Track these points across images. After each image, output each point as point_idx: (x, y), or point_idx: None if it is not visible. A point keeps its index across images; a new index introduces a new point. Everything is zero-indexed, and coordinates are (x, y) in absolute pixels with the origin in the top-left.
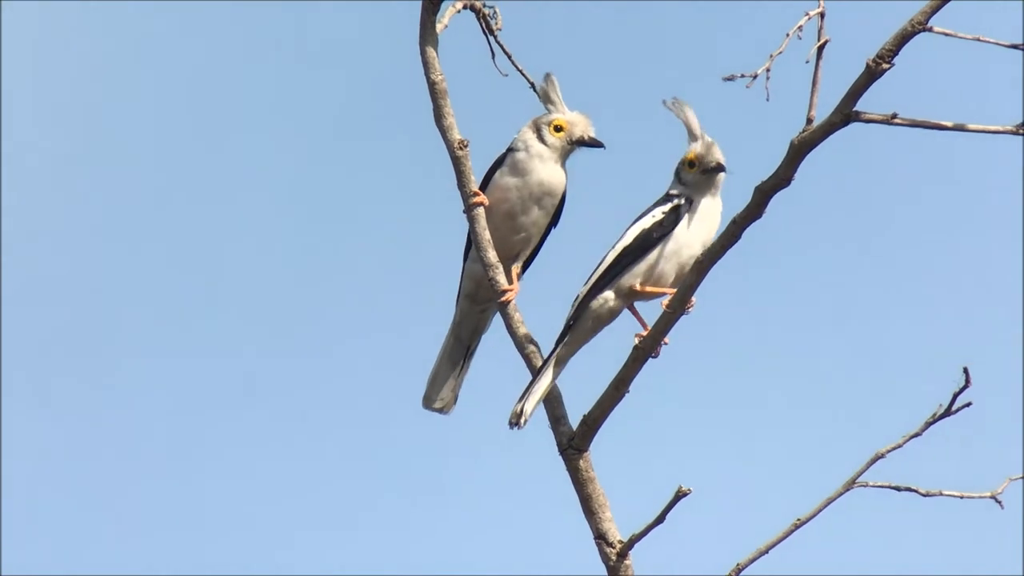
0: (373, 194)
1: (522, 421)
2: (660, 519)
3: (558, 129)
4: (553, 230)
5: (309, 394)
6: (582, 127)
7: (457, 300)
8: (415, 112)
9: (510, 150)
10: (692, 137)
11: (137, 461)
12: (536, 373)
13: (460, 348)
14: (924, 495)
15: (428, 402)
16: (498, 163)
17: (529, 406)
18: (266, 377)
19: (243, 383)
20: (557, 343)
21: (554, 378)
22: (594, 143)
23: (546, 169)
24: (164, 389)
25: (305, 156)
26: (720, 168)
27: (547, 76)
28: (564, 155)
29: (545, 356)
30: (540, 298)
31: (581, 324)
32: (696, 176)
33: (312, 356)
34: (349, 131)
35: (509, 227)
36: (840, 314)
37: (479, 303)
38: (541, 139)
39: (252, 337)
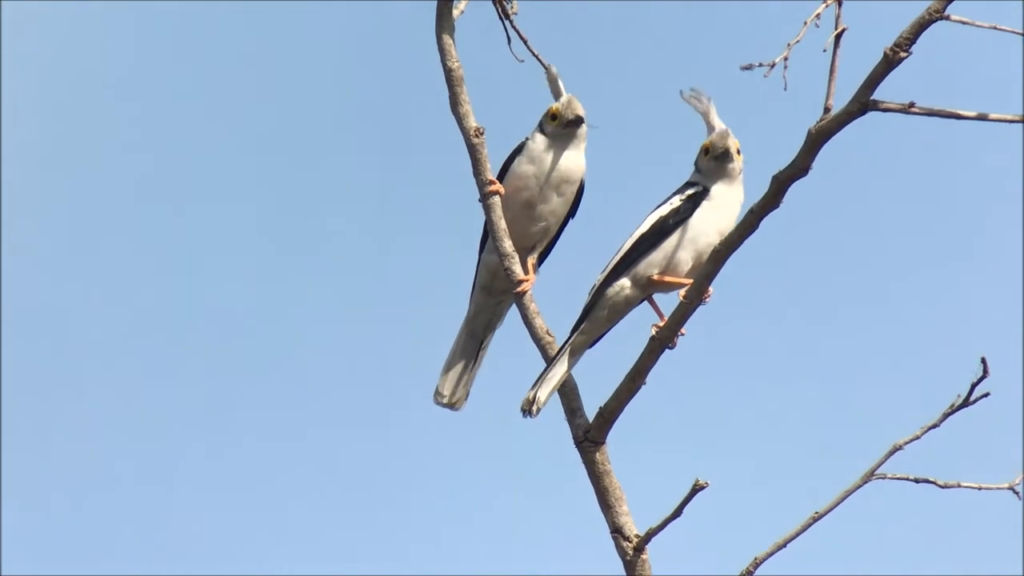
0: (388, 183)
1: (535, 409)
2: (677, 513)
3: (553, 117)
4: (571, 221)
5: (321, 387)
6: (567, 109)
7: (472, 292)
8: (431, 99)
9: (526, 140)
10: (710, 127)
11: (147, 457)
12: (550, 361)
13: (473, 342)
14: (942, 487)
15: (439, 397)
16: (516, 152)
17: (543, 393)
18: (277, 370)
19: (251, 377)
20: (572, 331)
21: (569, 367)
22: (576, 121)
23: (561, 155)
24: (185, 375)
25: (319, 144)
26: (726, 156)
27: (548, 74)
28: (569, 140)
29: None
30: (557, 290)
31: (596, 312)
32: (708, 163)
33: (323, 348)
34: (364, 119)
35: (528, 216)
36: (858, 304)
37: (495, 295)
38: (543, 131)
39: (259, 331)
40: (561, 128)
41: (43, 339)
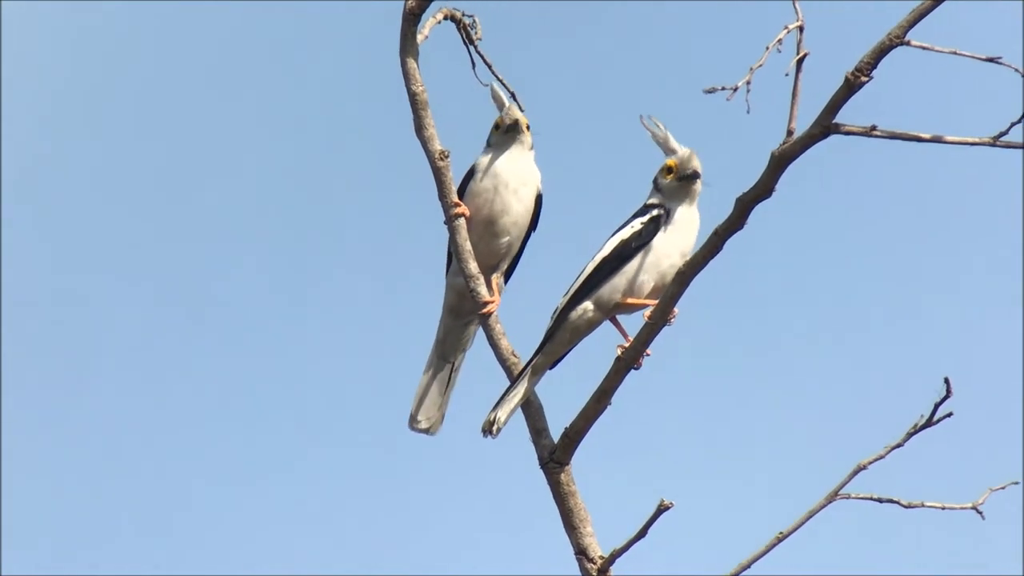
0: (353, 206)
1: (495, 429)
2: (642, 533)
3: (497, 127)
4: (533, 235)
5: (290, 413)
6: (507, 115)
7: (440, 315)
8: (396, 123)
9: (475, 161)
10: (670, 152)
11: (126, 464)
12: (512, 381)
13: (445, 365)
14: (906, 507)
15: (414, 423)
16: (469, 173)
17: (503, 414)
18: (244, 396)
19: (216, 404)
20: (535, 353)
21: (531, 387)
22: (513, 125)
23: (512, 160)
24: (154, 397)
25: (284, 168)
26: (696, 175)
27: (491, 88)
28: (512, 147)
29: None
30: (522, 311)
31: (559, 335)
32: (673, 183)
33: (293, 374)
34: (329, 142)
35: (491, 233)
36: (821, 325)
37: (462, 316)
38: (490, 144)
39: (231, 353)
40: (503, 134)
41: (42, 343)
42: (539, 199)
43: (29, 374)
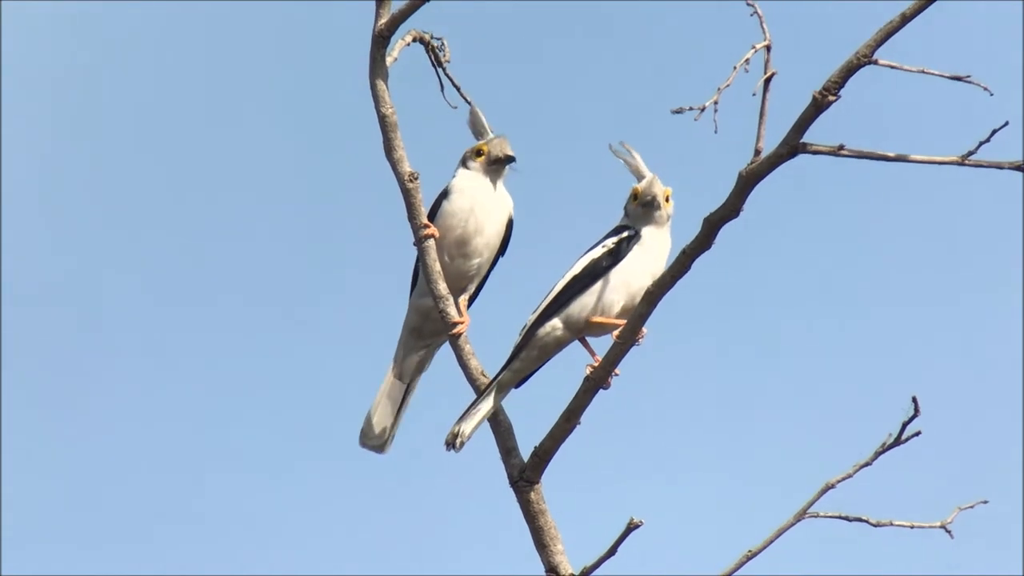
0: (322, 228)
1: (459, 442)
2: (612, 551)
3: (479, 154)
4: (500, 259)
5: (248, 428)
6: (498, 147)
7: (401, 335)
8: (365, 145)
9: (450, 181)
10: (640, 178)
11: (121, 465)
12: (478, 396)
13: (401, 385)
14: (875, 525)
15: (365, 439)
16: (442, 194)
17: (468, 427)
18: (204, 413)
19: (180, 421)
20: (501, 369)
21: (495, 403)
22: (506, 159)
23: (489, 185)
24: (151, 398)
25: (252, 189)
26: (653, 203)
27: (471, 111)
28: (490, 175)
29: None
30: (490, 332)
31: (527, 352)
32: (637, 209)
33: (251, 391)
34: (299, 164)
35: (463, 254)
36: (790, 343)
37: (424, 338)
38: (466, 167)
39: (192, 370)
40: (487, 164)
41: (41, 342)
42: (510, 224)
43: (29, 373)
